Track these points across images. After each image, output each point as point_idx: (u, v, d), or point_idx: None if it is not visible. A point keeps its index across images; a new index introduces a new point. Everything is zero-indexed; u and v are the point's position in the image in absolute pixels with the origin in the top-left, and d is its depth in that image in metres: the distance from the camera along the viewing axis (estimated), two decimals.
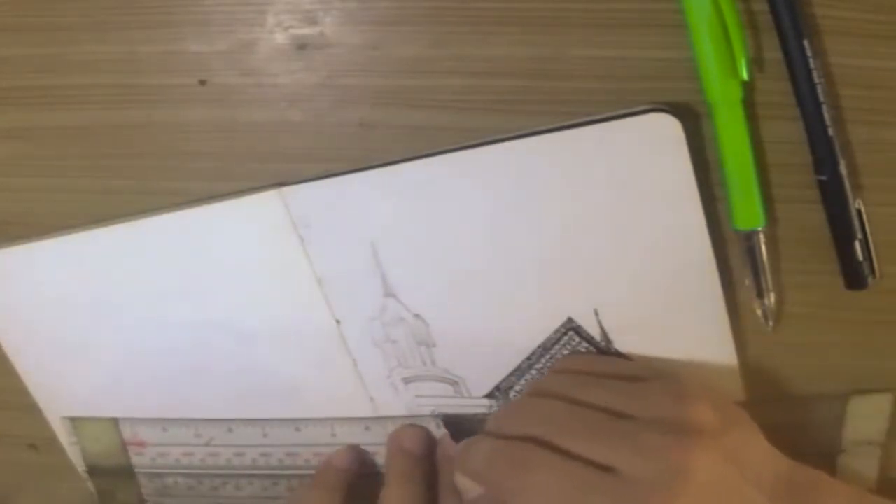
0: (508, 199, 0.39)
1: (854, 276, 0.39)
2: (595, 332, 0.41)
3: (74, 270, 0.43)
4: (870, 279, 0.39)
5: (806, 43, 0.35)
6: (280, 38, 0.39)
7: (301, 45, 0.39)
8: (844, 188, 0.37)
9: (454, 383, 0.44)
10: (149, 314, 0.44)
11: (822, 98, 0.35)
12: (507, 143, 0.38)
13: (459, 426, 0.45)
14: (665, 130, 0.36)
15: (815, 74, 0.35)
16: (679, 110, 0.36)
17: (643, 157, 0.37)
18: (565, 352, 0.42)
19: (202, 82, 0.40)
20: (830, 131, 0.36)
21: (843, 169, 0.37)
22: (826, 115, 0.36)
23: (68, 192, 0.43)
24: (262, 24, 0.39)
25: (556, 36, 0.37)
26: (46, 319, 0.44)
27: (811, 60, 0.35)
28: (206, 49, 0.39)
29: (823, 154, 0.37)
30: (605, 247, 0.39)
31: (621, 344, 0.41)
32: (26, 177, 0.43)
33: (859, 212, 0.38)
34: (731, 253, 0.40)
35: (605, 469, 0.33)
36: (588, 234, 0.39)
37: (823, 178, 0.37)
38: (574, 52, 0.37)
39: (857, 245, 0.38)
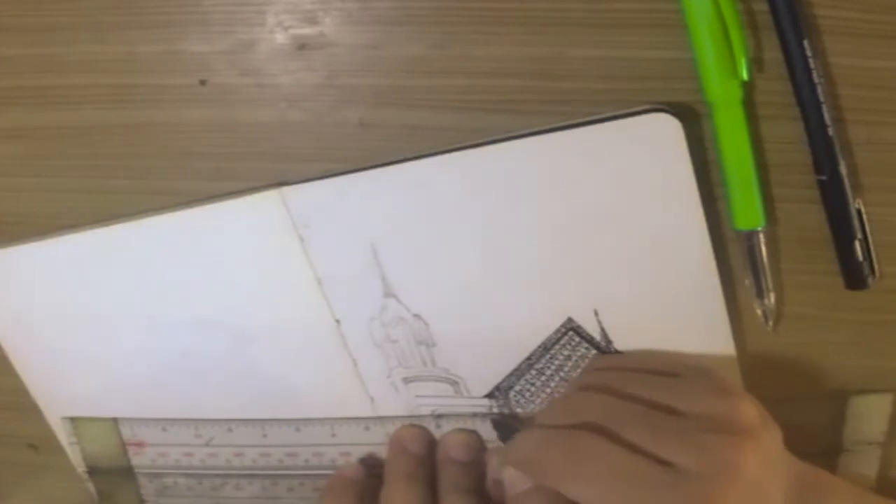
0: (508, 198, 0.39)
1: (854, 276, 0.39)
2: (595, 332, 0.41)
3: (74, 270, 0.43)
4: (870, 279, 0.39)
5: (806, 43, 0.35)
6: (280, 38, 0.39)
7: (301, 45, 0.39)
8: (844, 188, 0.37)
9: (454, 383, 0.44)
10: (148, 314, 0.44)
11: (822, 98, 0.36)
12: (507, 143, 0.38)
13: (509, 431, 0.45)
14: (665, 130, 0.36)
15: (815, 74, 0.35)
16: (679, 110, 0.36)
17: (643, 157, 0.37)
18: (565, 352, 0.42)
19: (202, 82, 0.40)
20: (830, 131, 0.36)
21: (843, 169, 0.37)
22: (826, 115, 0.36)
23: (68, 192, 0.43)
24: (262, 24, 0.39)
25: (556, 36, 0.37)
26: (46, 319, 0.44)
27: (811, 60, 0.35)
28: (206, 49, 0.39)
29: (823, 154, 0.37)
30: (605, 247, 0.39)
31: (621, 344, 0.41)
32: (26, 177, 0.43)
33: (859, 212, 0.38)
34: (732, 253, 0.40)
35: (661, 462, 0.33)
36: (588, 233, 0.39)
37: (823, 178, 0.37)
38: (574, 52, 0.37)
39: (857, 245, 0.38)
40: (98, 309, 0.44)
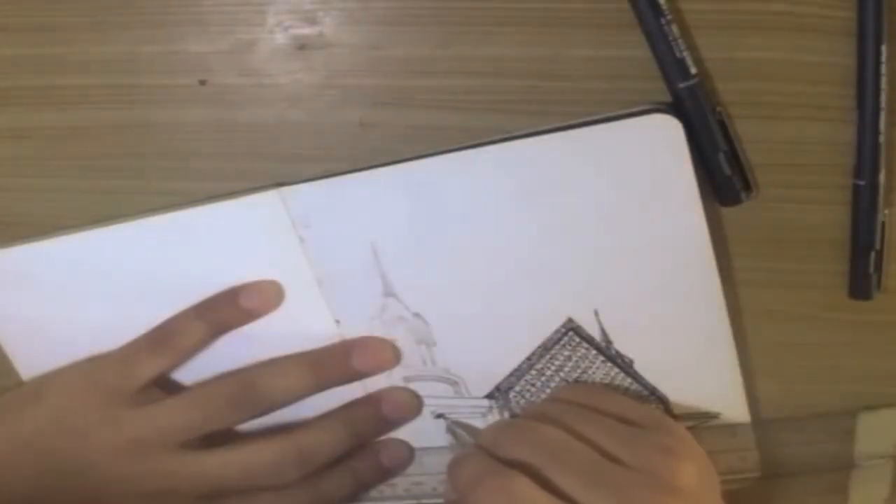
0: (508, 198, 0.39)
1: (860, 286, 0.39)
2: (595, 333, 0.41)
3: (74, 271, 0.43)
4: (874, 291, 0.39)
5: (883, 48, 0.35)
6: (280, 38, 0.39)
7: (301, 45, 0.39)
8: (878, 196, 0.37)
9: (454, 383, 0.44)
10: (148, 314, 0.44)
11: (882, 105, 0.36)
12: (507, 143, 0.38)
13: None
14: (665, 130, 0.36)
15: (883, 80, 0.35)
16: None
17: (643, 157, 0.37)
18: (566, 352, 0.42)
19: (202, 82, 0.40)
20: (881, 138, 0.36)
21: (881, 177, 0.37)
22: (882, 122, 0.36)
23: (68, 192, 0.43)
24: (262, 24, 0.39)
25: (556, 36, 0.37)
26: (46, 319, 0.44)
27: (883, 66, 0.35)
28: (206, 49, 0.39)
29: (869, 159, 0.37)
30: (605, 247, 0.39)
31: (621, 344, 0.41)
32: (26, 177, 0.43)
33: (883, 224, 0.38)
34: (732, 253, 0.40)
35: None
36: (588, 234, 0.39)
37: (861, 182, 0.37)
38: (574, 52, 0.37)
39: (873, 255, 0.38)
40: (97, 309, 0.44)
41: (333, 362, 0.43)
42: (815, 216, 0.39)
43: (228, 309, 0.42)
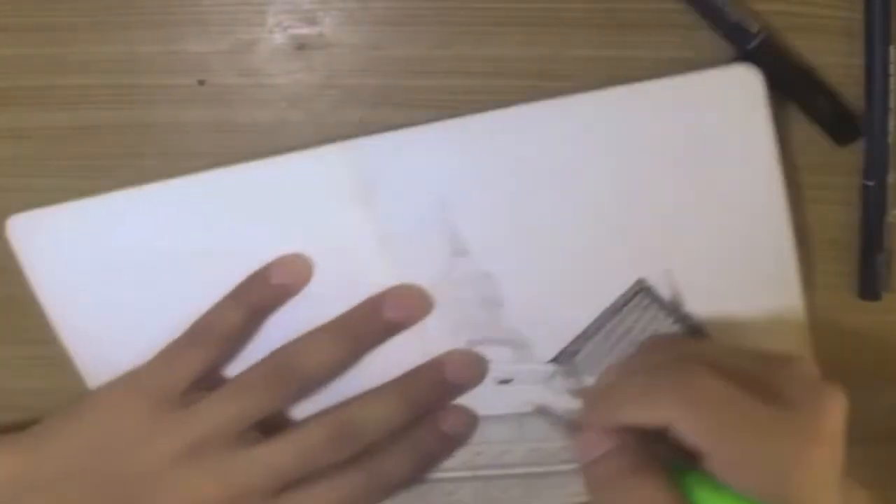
0: (580, 155, 0.38)
1: (869, 287, 0.39)
2: (666, 294, 0.40)
3: (123, 230, 0.42)
4: (883, 294, 0.39)
5: (891, 49, 0.35)
6: (280, 38, 0.39)
7: (301, 45, 0.39)
8: (887, 197, 0.37)
9: (520, 346, 0.42)
10: (203, 276, 0.42)
11: (891, 105, 0.36)
12: (580, 97, 0.37)
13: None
14: (745, 83, 0.35)
15: (892, 81, 0.36)
16: None
17: (721, 113, 0.36)
18: (635, 314, 0.41)
19: (202, 82, 0.40)
20: (890, 139, 0.36)
21: (890, 178, 0.37)
22: (891, 123, 0.36)
23: (68, 192, 0.42)
24: (262, 24, 0.39)
25: (556, 36, 0.37)
26: (93, 284, 0.42)
27: (892, 66, 0.35)
28: (206, 49, 0.39)
29: (877, 161, 0.37)
30: (678, 205, 0.38)
31: (693, 305, 0.40)
32: (26, 177, 0.43)
33: (892, 225, 0.38)
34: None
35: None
36: (662, 192, 0.38)
37: (870, 183, 0.37)
38: (574, 52, 0.37)
39: (882, 257, 0.39)
40: (147, 271, 0.42)
41: (364, 320, 0.41)
42: (822, 216, 0.39)
43: (262, 289, 0.41)
